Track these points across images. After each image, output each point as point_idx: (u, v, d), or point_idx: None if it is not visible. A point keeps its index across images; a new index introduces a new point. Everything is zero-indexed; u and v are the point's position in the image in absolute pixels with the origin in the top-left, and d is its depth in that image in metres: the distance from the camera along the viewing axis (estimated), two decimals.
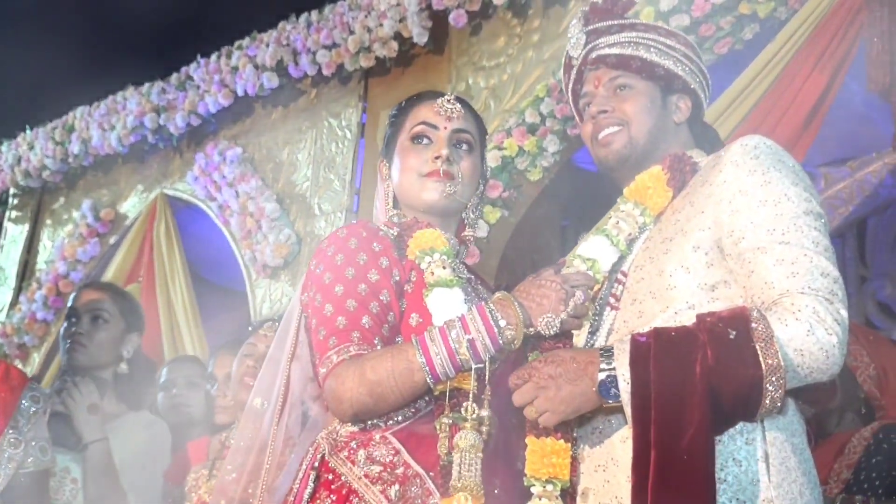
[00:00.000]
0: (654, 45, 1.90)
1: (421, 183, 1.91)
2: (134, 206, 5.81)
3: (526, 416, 1.62)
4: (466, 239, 2.01)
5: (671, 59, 1.90)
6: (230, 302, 5.60)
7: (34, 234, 6.33)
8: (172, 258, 5.34)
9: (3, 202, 6.62)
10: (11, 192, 6.56)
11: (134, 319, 3.00)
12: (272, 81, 5.08)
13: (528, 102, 4.12)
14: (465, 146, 1.95)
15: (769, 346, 1.51)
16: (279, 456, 1.89)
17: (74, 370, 2.84)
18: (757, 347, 1.51)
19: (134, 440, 2.83)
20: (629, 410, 1.55)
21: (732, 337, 1.52)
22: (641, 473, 1.50)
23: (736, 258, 1.66)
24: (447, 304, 1.73)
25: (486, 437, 1.61)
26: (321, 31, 4.88)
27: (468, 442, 1.58)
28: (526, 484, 1.63)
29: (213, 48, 5.49)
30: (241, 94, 5.22)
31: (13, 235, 6.46)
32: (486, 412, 1.61)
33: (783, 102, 3.38)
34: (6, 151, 6.44)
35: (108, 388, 2.87)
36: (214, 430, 3.03)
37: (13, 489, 2.28)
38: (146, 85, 5.75)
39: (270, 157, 5.19)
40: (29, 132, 6.34)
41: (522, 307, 1.67)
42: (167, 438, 2.96)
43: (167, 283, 5.25)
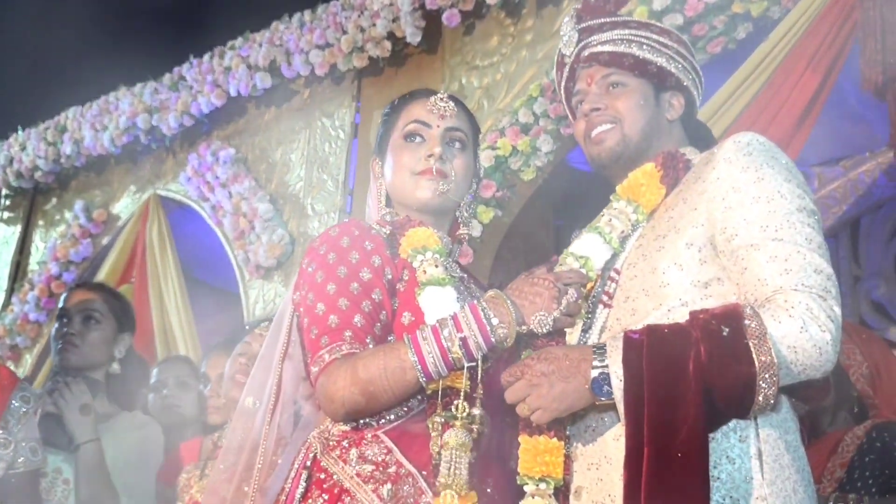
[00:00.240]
0: (646, 42, 1.90)
1: (414, 181, 1.90)
2: (127, 206, 5.79)
3: (518, 413, 1.61)
4: (461, 237, 2.01)
5: (664, 56, 1.90)
6: (223, 303, 5.59)
7: (26, 234, 6.31)
8: (165, 259, 5.31)
9: None
10: (3, 192, 6.54)
11: (126, 319, 2.98)
12: (265, 81, 5.07)
13: (521, 102, 4.12)
14: (458, 144, 1.95)
15: (762, 342, 1.50)
16: (271, 455, 1.88)
17: (66, 371, 2.82)
18: (750, 344, 1.51)
19: (126, 440, 2.82)
20: (622, 408, 1.55)
21: (726, 334, 1.52)
22: (634, 471, 1.50)
23: (729, 255, 1.66)
24: (439, 302, 1.72)
25: (476, 435, 1.60)
26: (314, 31, 4.87)
27: (457, 440, 1.58)
28: (519, 482, 1.62)
29: (205, 48, 5.48)
30: (233, 94, 5.20)
31: (5, 236, 6.44)
32: (477, 411, 1.61)
33: (776, 101, 3.38)
34: None
35: (100, 388, 2.86)
36: (207, 430, 3.02)
37: (4, 489, 2.28)
38: (139, 85, 5.74)
39: (263, 157, 5.18)
40: (21, 133, 6.32)
41: (515, 305, 1.66)
42: (160, 439, 2.95)
43: (160, 283, 5.23)
